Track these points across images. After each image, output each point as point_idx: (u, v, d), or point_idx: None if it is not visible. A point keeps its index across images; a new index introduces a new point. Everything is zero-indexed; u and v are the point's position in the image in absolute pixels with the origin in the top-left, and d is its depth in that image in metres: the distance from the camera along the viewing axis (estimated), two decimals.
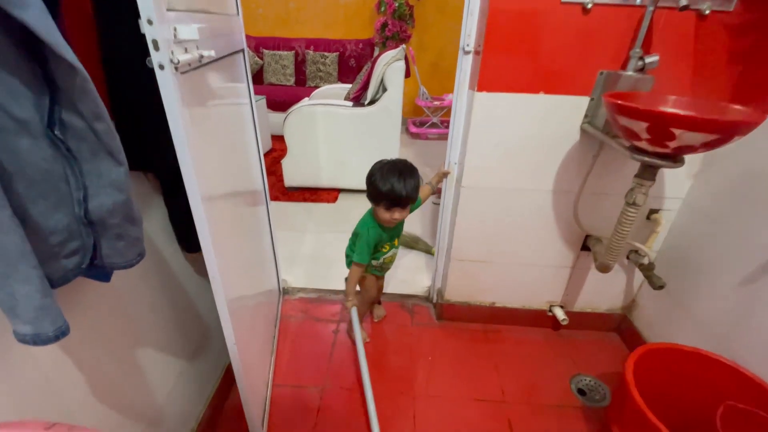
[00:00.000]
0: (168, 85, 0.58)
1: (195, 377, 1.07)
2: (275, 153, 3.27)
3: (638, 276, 1.45)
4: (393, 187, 1.07)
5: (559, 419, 1.23)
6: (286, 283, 1.74)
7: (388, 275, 1.74)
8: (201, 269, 1.03)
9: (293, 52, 3.85)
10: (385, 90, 2.33)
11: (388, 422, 1.19)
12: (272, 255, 1.58)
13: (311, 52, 3.83)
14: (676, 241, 1.31)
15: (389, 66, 2.26)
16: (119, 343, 0.75)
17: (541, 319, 1.56)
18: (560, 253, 1.42)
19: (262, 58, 3.88)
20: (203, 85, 0.77)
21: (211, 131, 0.83)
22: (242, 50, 1.15)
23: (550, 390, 1.33)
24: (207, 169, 0.75)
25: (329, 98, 2.60)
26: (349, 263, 1.34)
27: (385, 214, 1.13)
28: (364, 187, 1.18)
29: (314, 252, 2.01)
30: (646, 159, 0.91)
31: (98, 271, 0.55)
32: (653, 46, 1.02)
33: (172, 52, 0.57)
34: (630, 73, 1.02)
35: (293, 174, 2.58)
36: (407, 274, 1.83)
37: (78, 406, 0.65)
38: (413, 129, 3.86)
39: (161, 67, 0.56)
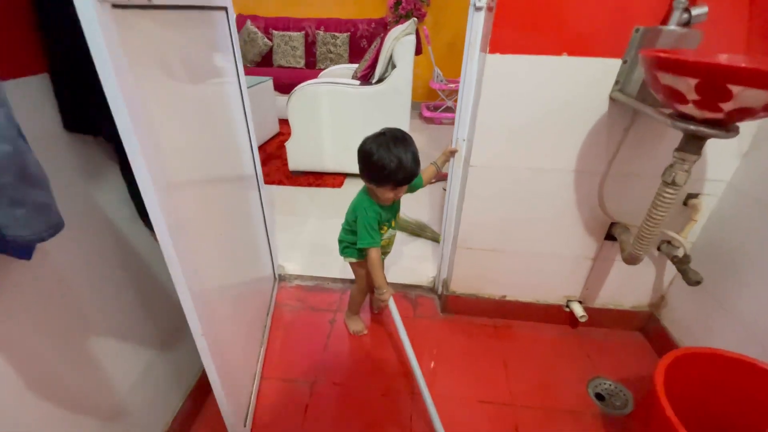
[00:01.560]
0: (90, 16, 0.46)
1: (169, 368, 0.98)
2: (282, 137, 3.17)
3: (669, 270, 1.28)
4: (402, 164, 0.93)
5: (573, 426, 1.10)
6: (283, 269, 1.65)
7: (389, 262, 1.63)
8: None
9: (303, 33, 3.72)
10: (394, 67, 2.18)
11: (382, 423, 1.08)
12: (266, 241, 1.48)
13: (322, 32, 3.69)
14: (718, 231, 1.14)
15: (398, 41, 2.11)
16: (62, 329, 0.66)
17: (557, 315, 1.42)
18: (581, 243, 1.27)
19: (271, 40, 3.76)
20: (156, 35, 0.66)
21: (173, 100, 0.72)
22: (224, 8, 1.02)
23: (564, 393, 1.19)
24: (164, 142, 0.64)
25: (336, 78, 2.46)
26: (342, 250, 1.23)
27: (389, 194, 1.00)
28: None
29: (316, 238, 1.91)
30: (692, 127, 0.75)
31: (5, 244, 0.45)
32: None
33: None
34: (672, 27, 0.85)
35: (297, 158, 2.47)
36: (412, 263, 1.70)
37: (11, 400, 0.56)
38: (426, 113, 3.70)
39: None
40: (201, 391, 1.10)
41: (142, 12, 0.60)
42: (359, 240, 1.09)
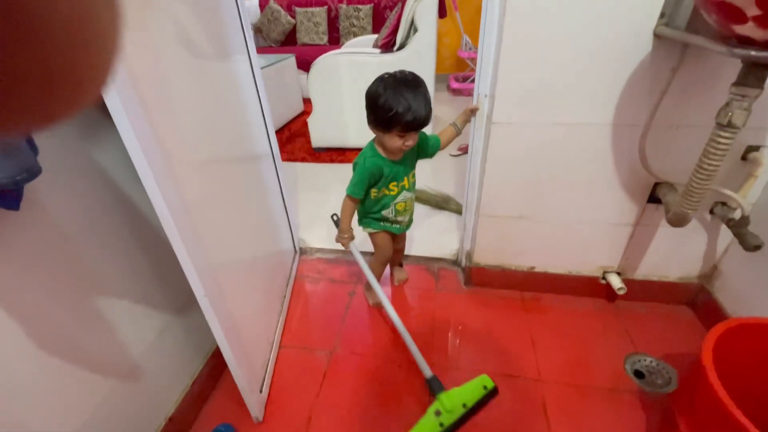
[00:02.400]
0: None
1: (187, 334, 1.00)
2: (306, 115, 3.15)
3: (723, 237, 1.13)
4: (410, 105, 0.86)
5: (607, 404, 1.01)
6: (304, 242, 1.64)
7: (411, 236, 1.57)
8: None
9: (326, 7, 3.63)
10: (416, 32, 2.07)
11: (398, 393, 1.05)
12: (285, 216, 1.47)
13: (344, 5, 3.59)
14: None
15: (420, 2, 1.99)
16: (66, 290, 0.66)
17: (592, 287, 1.31)
18: (620, 207, 1.14)
19: (294, 17, 3.71)
20: (161, 8, 0.62)
21: (171, 70, 0.69)
22: None
23: (598, 369, 1.10)
24: (157, 109, 0.61)
25: (356, 48, 2.38)
26: (360, 220, 1.19)
27: (397, 142, 0.93)
28: None
29: (337, 213, 1.88)
30: (753, 53, 0.62)
31: None
32: None
33: None
34: None
35: (320, 134, 2.44)
36: (435, 236, 1.64)
37: (10, 353, 0.57)
38: (454, 84, 3.53)
39: None
40: (220, 357, 1.11)
41: None
42: (349, 187, 1.03)
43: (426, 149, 1.09)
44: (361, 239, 1.58)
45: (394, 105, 0.86)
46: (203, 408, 1.04)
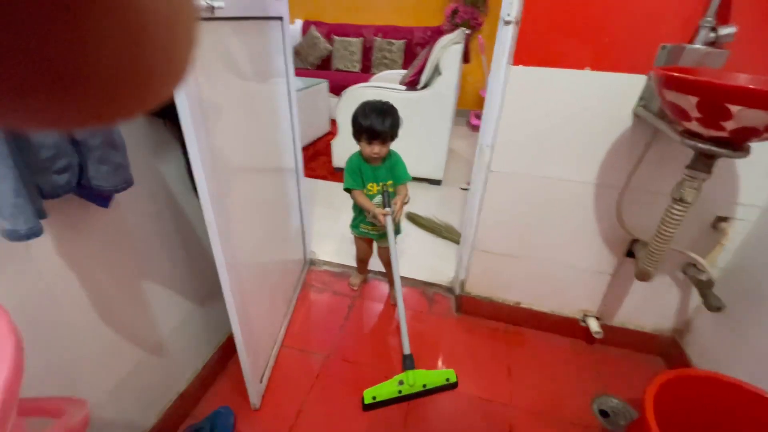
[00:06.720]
0: None
1: (204, 323, 1.15)
2: (332, 136, 3.36)
3: (695, 295, 1.23)
4: (372, 123, 1.19)
5: None
6: (315, 254, 1.79)
7: (411, 260, 1.71)
8: None
9: (362, 39, 3.91)
10: (439, 75, 2.26)
11: (377, 412, 1.16)
12: (300, 228, 1.63)
13: (379, 39, 3.85)
14: (750, 257, 1.09)
15: (446, 49, 2.19)
16: (125, 271, 0.83)
17: (572, 328, 1.41)
18: (600, 257, 1.26)
19: (332, 44, 4.00)
20: (215, 40, 0.81)
21: (226, 94, 0.87)
22: (279, 18, 1.18)
23: (565, 404, 1.19)
24: (214, 129, 0.78)
25: (386, 82, 2.59)
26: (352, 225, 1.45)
27: (366, 148, 1.24)
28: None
29: (347, 230, 2.02)
30: (699, 145, 0.76)
31: (90, 192, 0.61)
32: (731, 15, 0.85)
33: None
34: (697, 46, 0.86)
35: (341, 155, 2.63)
36: (435, 262, 1.77)
37: (77, 315, 0.73)
38: (475, 121, 3.71)
39: None
40: (229, 348, 1.26)
41: (206, 23, 0.75)
42: (344, 183, 1.31)
43: (396, 171, 1.33)
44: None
45: (362, 121, 1.20)
46: (209, 390, 1.18)
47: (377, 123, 1.19)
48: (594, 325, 1.34)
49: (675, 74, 0.69)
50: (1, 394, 0.27)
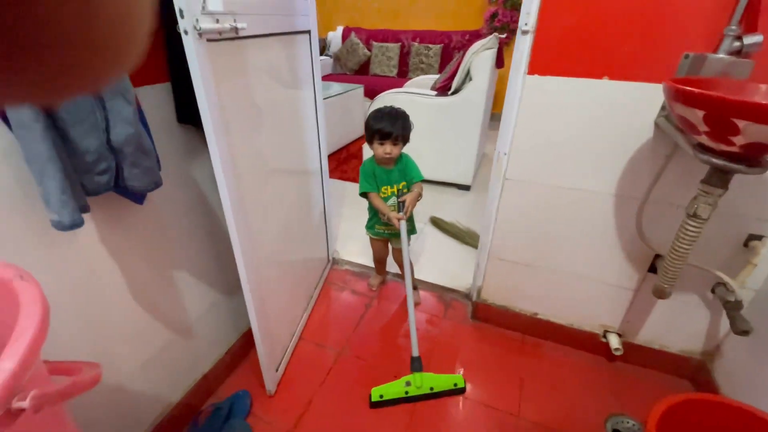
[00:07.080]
0: (191, 49, 0.70)
1: (231, 310, 1.25)
2: (364, 140, 3.45)
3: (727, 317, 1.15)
4: (383, 126, 1.25)
5: None
6: (338, 254, 1.87)
7: (431, 264, 1.73)
8: None
9: (399, 44, 3.97)
10: (471, 80, 2.26)
11: (383, 410, 1.19)
12: (324, 227, 1.71)
13: (416, 44, 3.89)
14: None
15: (477, 55, 2.18)
16: (158, 260, 0.94)
17: (592, 343, 1.37)
18: (621, 271, 1.22)
19: (370, 50, 4.09)
20: (240, 57, 0.89)
21: (249, 103, 0.96)
22: (307, 32, 1.26)
23: (577, 420, 1.17)
24: (236, 135, 0.87)
25: (419, 87, 2.62)
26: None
27: (378, 149, 1.29)
28: (435, 179, 1.54)
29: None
30: (713, 160, 0.73)
31: (127, 191, 0.71)
32: (759, 23, 0.80)
33: (197, 20, 0.69)
34: (720, 56, 0.82)
35: None
36: (454, 268, 1.78)
37: (116, 297, 0.85)
38: None
39: (185, 32, 0.69)
40: (251, 337, 1.36)
41: (231, 42, 0.83)
42: (359, 187, 1.37)
43: (408, 172, 1.39)
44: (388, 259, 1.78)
45: (374, 125, 1.26)
46: (230, 374, 1.28)
47: (388, 124, 1.26)
48: (615, 342, 1.29)
49: (679, 86, 0.67)
50: (28, 346, 0.34)
